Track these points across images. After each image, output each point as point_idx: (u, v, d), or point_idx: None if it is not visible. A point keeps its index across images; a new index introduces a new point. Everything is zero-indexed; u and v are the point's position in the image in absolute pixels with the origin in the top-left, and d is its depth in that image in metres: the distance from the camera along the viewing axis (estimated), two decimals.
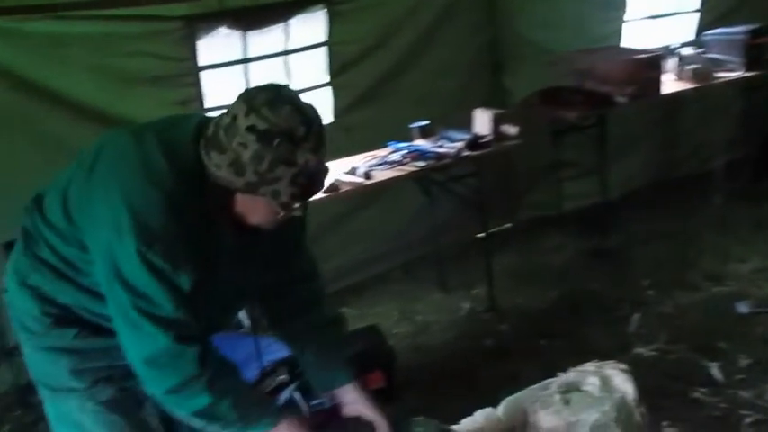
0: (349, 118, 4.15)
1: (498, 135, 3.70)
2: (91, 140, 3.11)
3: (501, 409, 2.20)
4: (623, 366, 2.22)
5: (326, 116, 4.14)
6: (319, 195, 3.24)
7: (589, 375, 2.21)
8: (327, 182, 3.12)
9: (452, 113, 3.96)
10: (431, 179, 3.88)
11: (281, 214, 1.68)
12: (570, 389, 2.18)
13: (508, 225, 4.98)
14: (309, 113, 1.64)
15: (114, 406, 1.93)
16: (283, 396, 2.77)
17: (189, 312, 1.68)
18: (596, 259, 4.42)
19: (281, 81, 3.76)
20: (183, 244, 1.65)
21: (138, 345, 1.69)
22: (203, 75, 3.68)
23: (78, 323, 1.86)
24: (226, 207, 1.70)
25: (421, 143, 3.76)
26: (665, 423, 2.77)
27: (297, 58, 3.95)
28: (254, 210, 1.69)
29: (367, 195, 4.22)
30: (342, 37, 4.03)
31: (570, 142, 4.73)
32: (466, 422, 2.22)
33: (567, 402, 2.12)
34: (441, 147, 3.65)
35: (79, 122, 3.41)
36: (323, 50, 4.01)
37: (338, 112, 4.15)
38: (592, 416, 2.07)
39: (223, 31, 3.64)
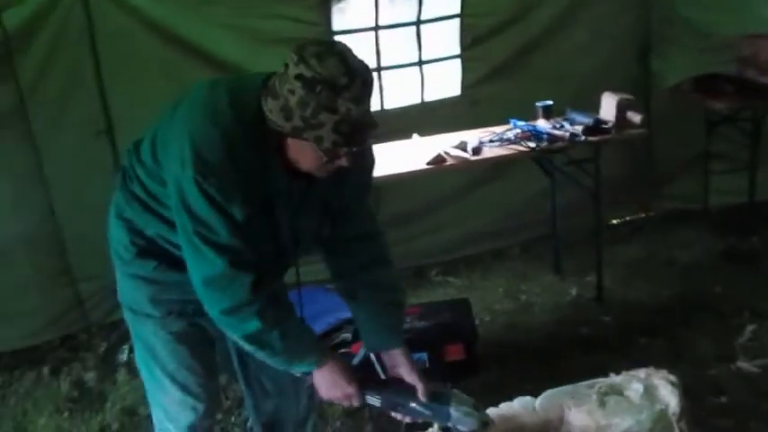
0: (477, 92, 4.14)
1: (622, 122, 3.54)
2: None
3: (539, 401, 2.19)
4: (673, 378, 2.12)
5: (454, 89, 4.16)
6: (424, 166, 3.35)
7: (635, 381, 2.14)
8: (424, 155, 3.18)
9: (590, 95, 3.84)
10: (548, 161, 3.80)
11: (326, 161, 1.76)
12: (611, 392, 2.12)
13: (641, 215, 4.78)
14: (355, 65, 1.69)
15: (183, 338, 2.17)
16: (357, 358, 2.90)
17: (243, 242, 1.83)
18: (727, 262, 4.14)
19: (412, 50, 3.97)
20: (236, 179, 1.78)
21: (198, 267, 1.86)
22: (336, 39, 3.81)
23: (159, 256, 2.07)
24: (280, 151, 1.81)
25: (541, 123, 3.68)
26: None
27: (428, 28, 3.97)
28: (303, 154, 1.79)
29: (490, 170, 4.23)
30: (476, 9, 3.99)
31: (723, 134, 4.44)
32: (504, 406, 2.23)
33: (602, 404, 2.07)
34: (559, 129, 3.56)
35: None
36: (455, 22, 3.99)
37: (466, 85, 4.14)
38: (625, 422, 2.01)
39: None
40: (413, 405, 2.00)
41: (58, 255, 3.85)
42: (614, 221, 4.81)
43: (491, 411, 2.20)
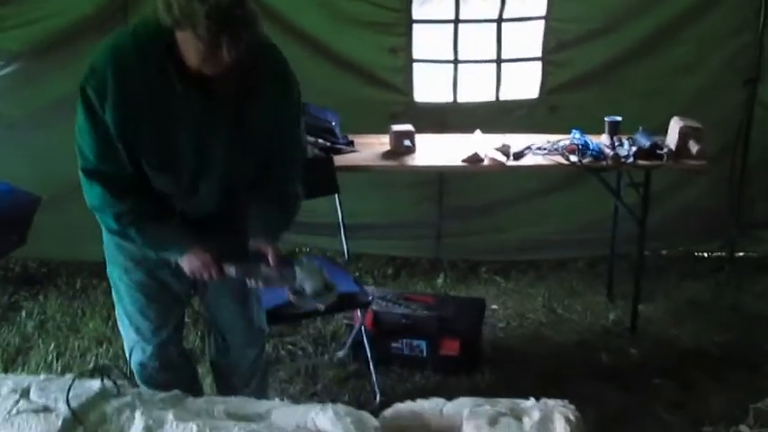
0: (556, 98, 4.01)
1: (682, 150, 3.31)
2: (319, 72, 3.60)
3: (448, 406, 2.19)
4: (572, 415, 2.04)
5: (532, 91, 4.06)
6: (459, 163, 3.35)
7: (536, 409, 2.09)
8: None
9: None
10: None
11: (208, 54, 1.86)
12: (510, 414, 2.09)
13: (725, 254, 4.41)
14: None
15: (142, 288, 2.39)
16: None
17: (106, 152, 2.04)
18: None
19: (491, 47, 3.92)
20: (117, 84, 1.97)
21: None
22: (415, 27, 3.87)
23: None
24: (173, 50, 1.93)
25: (603, 139, 3.53)
26: None
27: (511, 27, 3.90)
28: (187, 48, 1.90)
29: (563, 180, 4.11)
30: (563, 13, 3.85)
31: None
32: (420, 402, 2.26)
33: (493, 423, 2.05)
34: (616, 147, 3.40)
35: (310, 54, 3.86)
36: (540, 24, 3.89)
37: (545, 89, 4.02)
38: None
39: None
40: (263, 269, 2.16)
41: None
42: (700, 254, 4.52)
43: (407, 404, 2.25)
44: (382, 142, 3.56)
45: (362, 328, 3.13)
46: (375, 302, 3.20)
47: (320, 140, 3.33)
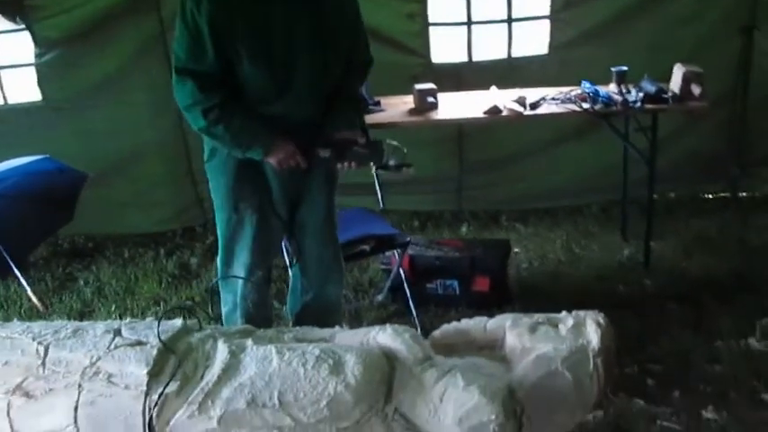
0: (565, 53, 4.23)
1: (685, 93, 3.55)
2: None
3: (491, 322, 2.46)
4: (602, 320, 2.31)
5: (542, 48, 4.29)
6: (480, 115, 3.60)
7: (570, 318, 2.35)
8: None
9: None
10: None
11: None
12: (547, 323, 2.35)
13: (729, 194, 4.66)
14: None
15: (248, 225, 2.66)
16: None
17: (195, 53, 2.35)
18: None
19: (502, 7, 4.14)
20: None
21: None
22: None
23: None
24: None
25: (611, 88, 3.76)
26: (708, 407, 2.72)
27: None
28: None
29: (575, 129, 4.35)
30: None
31: None
32: (464, 321, 2.53)
33: (533, 331, 2.32)
34: (624, 95, 3.63)
35: None
36: None
37: (554, 45, 4.24)
38: (545, 347, 2.24)
39: None
40: (355, 149, 2.46)
41: (184, 160, 4.53)
42: (705, 195, 4.77)
43: (453, 324, 2.53)
44: (405, 101, 3.81)
45: (401, 270, 3.39)
46: (410, 247, 3.46)
47: None
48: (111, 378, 2.21)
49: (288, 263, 3.08)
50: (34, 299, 3.88)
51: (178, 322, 2.43)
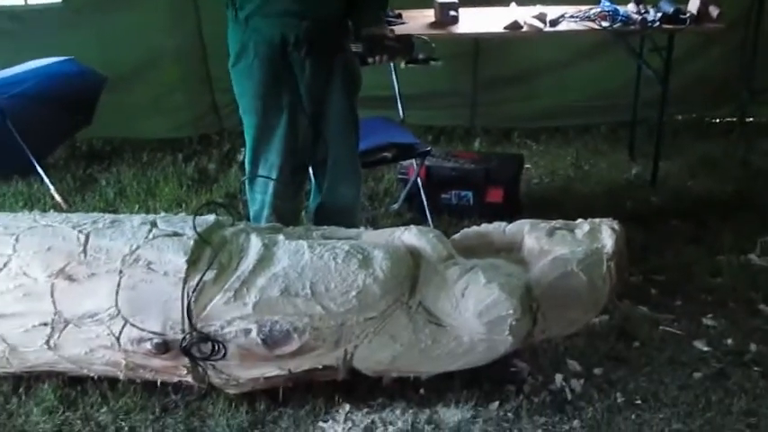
0: None
1: (703, 15, 3.55)
2: None
3: (509, 227, 2.57)
4: (616, 226, 2.41)
5: None
6: (500, 30, 3.60)
7: (586, 224, 2.46)
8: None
9: None
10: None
11: None
12: (564, 228, 2.46)
13: (736, 119, 4.71)
14: None
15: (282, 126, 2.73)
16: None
17: None
18: None
19: None
20: None
21: None
22: None
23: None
24: None
25: (630, 7, 3.75)
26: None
27: None
28: None
29: (588, 48, 4.37)
30: None
31: None
32: (484, 225, 2.64)
33: (551, 235, 2.42)
34: (642, 14, 3.64)
35: None
36: None
37: None
38: (562, 250, 2.35)
39: None
40: (386, 43, 2.59)
41: (202, 67, 4.54)
42: (711, 119, 4.82)
43: (473, 228, 2.63)
44: (426, 15, 3.80)
45: (418, 178, 3.47)
46: (427, 158, 3.53)
47: None
48: (150, 265, 2.32)
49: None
50: (57, 197, 3.96)
51: (211, 217, 2.53)
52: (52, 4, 4.45)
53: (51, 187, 4.00)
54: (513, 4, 3.92)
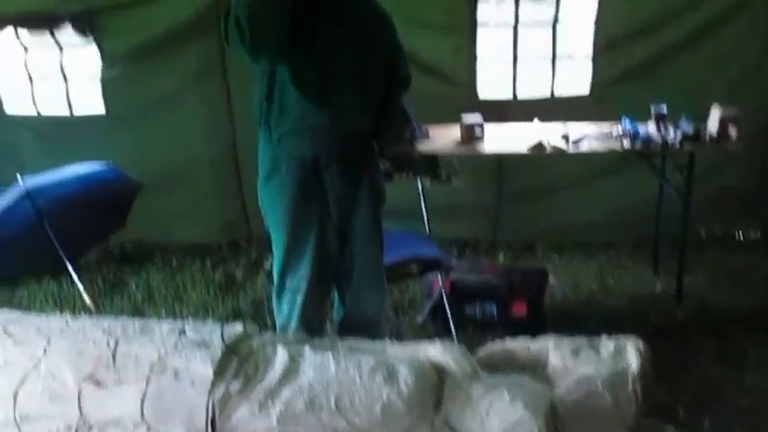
0: (607, 91, 4.34)
1: (723, 134, 3.65)
2: None
3: (534, 344, 2.57)
4: (641, 346, 2.41)
5: (584, 87, 4.41)
6: (524, 150, 3.71)
7: (610, 343, 2.45)
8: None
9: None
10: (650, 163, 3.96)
11: None
12: (588, 347, 2.46)
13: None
14: None
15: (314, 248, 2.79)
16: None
17: None
18: None
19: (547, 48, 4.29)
20: None
21: None
22: (479, 30, 4.25)
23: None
24: None
25: (650, 126, 3.86)
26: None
27: (564, 28, 4.26)
28: None
29: (611, 164, 4.46)
30: (612, 14, 4.18)
31: None
32: (508, 341, 2.63)
33: (576, 353, 2.42)
34: (662, 134, 3.74)
35: None
36: (591, 24, 4.24)
37: (595, 85, 4.36)
38: (586, 369, 2.34)
39: None
40: (412, 160, 2.82)
41: (235, 174, 4.70)
42: (735, 234, 4.84)
43: (497, 343, 2.63)
44: (452, 131, 3.93)
45: (443, 292, 3.50)
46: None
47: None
48: (177, 374, 2.33)
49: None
50: (87, 299, 4.04)
51: (239, 327, 2.56)
52: (96, 115, 4.68)
53: (81, 289, 4.08)
54: (536, 119, 4.05)
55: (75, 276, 4.11)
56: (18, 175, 4.11)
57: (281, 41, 2.52)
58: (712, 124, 3.71)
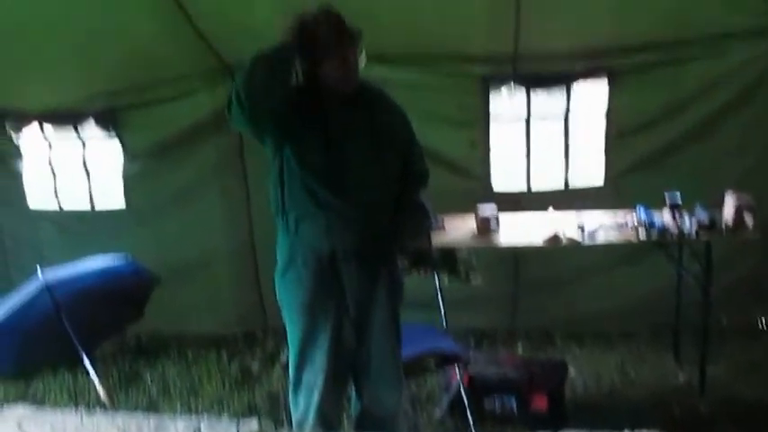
0: (620, 182, 4.37)
1: (738, 223, 3.64)
2: None
3: None
4: None
5: (598, 178, 4.46)
6: (540, 242, 3.70)
7: None
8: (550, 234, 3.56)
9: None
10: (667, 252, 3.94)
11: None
12: None
13: None
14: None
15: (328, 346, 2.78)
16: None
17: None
18: None
19: (559, 140, 4.36)
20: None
21: None
22: (492, 124, 4.34)
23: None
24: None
25: (664, 216, 3.86)
26: None
27: (576, 119, 4.34)
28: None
29: (629, 254, 4.45)
30: (622, 105, 4.26)
31: None
32: None
33: None
34: (678, 222, 3.73)
35: None
36: (602, 116, 4.31)
37: (609, 175, 4.40)
38: None
39: (511, 89, 4.25)
40: (430, 257, 2.78)
41: (251, 266, 4.73)
42: (757, 322, 4.75)
43: None
44: (467, 223, 3.96)
45: (461, 385, 3.44)
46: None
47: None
48: None
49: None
50: (102, 392, 4.00)
51: (254, 424, 2.53)
52: (117, 210, 4.76)
53: (97, 382, 4.05)
54: (551, 208, 4.06)
55: (90, 370, 4.09)
56: (38, 267, 4.15)
57: (279, 111, 2.58)
58: (728, 212, 3.71)
